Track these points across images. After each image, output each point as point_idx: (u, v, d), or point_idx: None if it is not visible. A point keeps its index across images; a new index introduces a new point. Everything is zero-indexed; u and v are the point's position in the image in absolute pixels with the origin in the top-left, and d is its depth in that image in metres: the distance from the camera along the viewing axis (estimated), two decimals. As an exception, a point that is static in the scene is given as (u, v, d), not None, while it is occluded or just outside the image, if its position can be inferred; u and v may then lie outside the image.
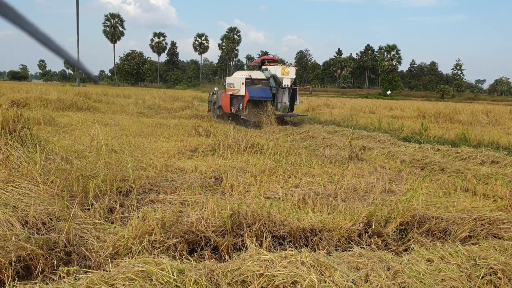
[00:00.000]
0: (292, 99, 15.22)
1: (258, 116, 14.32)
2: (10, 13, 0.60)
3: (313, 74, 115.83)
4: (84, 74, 0.83)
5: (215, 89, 17.44)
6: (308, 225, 3.70)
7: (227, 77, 16.06)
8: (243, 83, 14.16)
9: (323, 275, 2.60)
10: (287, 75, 14.73)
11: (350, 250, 3.30)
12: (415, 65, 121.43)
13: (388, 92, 71.89)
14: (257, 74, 14.92)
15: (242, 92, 14.21)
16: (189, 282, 2.43)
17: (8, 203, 3.81)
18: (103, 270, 2.62)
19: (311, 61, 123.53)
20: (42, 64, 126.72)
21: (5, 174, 4.35)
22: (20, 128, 5.31)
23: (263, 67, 15.80)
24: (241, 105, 14.51)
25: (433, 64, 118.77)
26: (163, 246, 3.18)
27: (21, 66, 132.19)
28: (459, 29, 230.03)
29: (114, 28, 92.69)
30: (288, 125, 13.83)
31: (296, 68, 15.50)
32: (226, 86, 15.74)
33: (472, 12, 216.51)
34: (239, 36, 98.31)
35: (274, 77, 14.85)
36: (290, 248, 3.03)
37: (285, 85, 14.73)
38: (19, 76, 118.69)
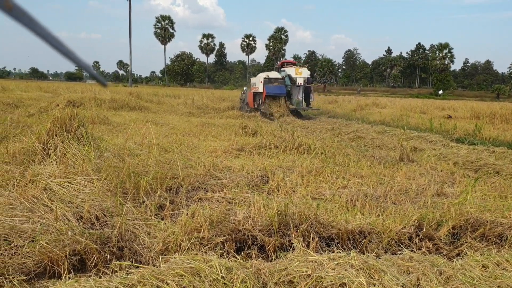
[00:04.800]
0: (307, 95, 17.57)
1: (273, 109, 16.89)
2: (24, 18, 0.60)
3: (361, 73, 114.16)
4: (94, 78, 0.84)
5: (244, 88, 20.58)
6: (356, 227, 3.64)
7: (252, 78, 19.30)
8: (261, 82, 17.05)
9: (372, 278, 2.54)
10: (300, 74, 17.31)
11: (400, 254, 3.21)
12: (469, 64, 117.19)
13: (440, 92, 69.78)
14: (274, 74, 17.76)
15: (261, 89, 17.12)
16: (237, 280, 2.45)
17: (65, 199, 3.98)
18: (154, 266, 2.68)
19: (360, 60, 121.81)
20: (96, 66, 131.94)
21: (62, 170, 4.54)
22: (76, 126, 5.52)
23: (282, 68, 18.78)
24: (260, 100, 17.39)
25: (487, 62, 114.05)
26: (211, 243, 3.22)
27: (76, 68, 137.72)
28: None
29: (164, 29, 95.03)
30: (337, 124, 13.71)
31: (309, 67, 18.50)
32: (250, 85, 18.87)
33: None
34: (286, 36, 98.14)
35: (289, 76, 17.52)
36: (338, 250, 2.99)
37: (298, 83, 17.08)
38: (75, 77, 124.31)
